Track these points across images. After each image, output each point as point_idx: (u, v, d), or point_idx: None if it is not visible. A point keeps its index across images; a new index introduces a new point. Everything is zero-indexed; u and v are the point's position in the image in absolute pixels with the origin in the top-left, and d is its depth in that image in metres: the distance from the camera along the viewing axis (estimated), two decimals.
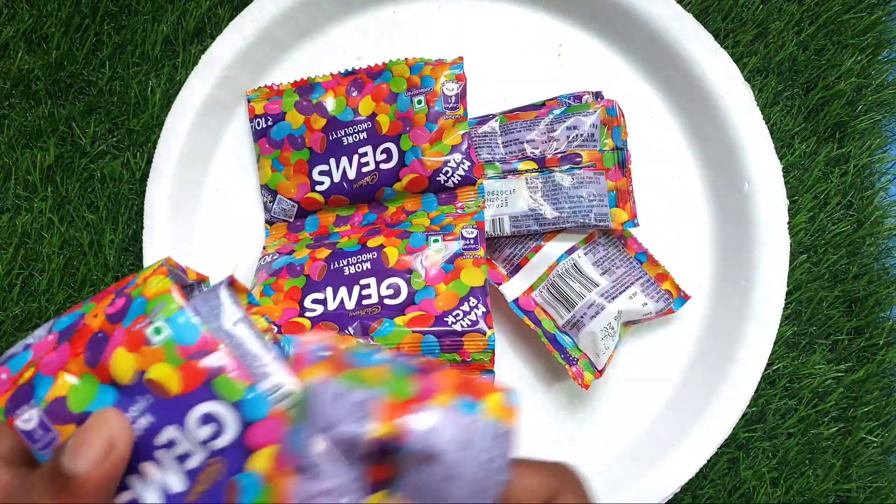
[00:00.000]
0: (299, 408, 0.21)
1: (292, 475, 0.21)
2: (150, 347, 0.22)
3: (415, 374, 0.22)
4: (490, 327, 0.40)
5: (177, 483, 0.22)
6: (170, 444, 0.22)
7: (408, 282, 0.41)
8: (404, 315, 0.40)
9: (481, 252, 0.42)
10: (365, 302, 0.41)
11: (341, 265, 0.42)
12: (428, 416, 0.21)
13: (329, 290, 0.42)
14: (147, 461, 0.22)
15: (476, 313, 0.40)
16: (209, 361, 0.22)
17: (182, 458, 0.22)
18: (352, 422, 0.20)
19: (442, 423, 0.21)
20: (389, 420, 0.20)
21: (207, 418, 0.22)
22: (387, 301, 0.41)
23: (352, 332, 0.40)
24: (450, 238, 0.42)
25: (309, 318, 0.41)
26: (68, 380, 0.23)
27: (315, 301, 0.42)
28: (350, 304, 0.41)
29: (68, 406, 0.22)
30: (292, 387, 0.22)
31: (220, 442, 0.22)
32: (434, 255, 0.42)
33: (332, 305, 0.41)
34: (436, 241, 0.42)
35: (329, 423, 0.21)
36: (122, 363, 0.22)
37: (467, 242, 0.42)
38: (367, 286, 0.41)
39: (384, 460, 0.21)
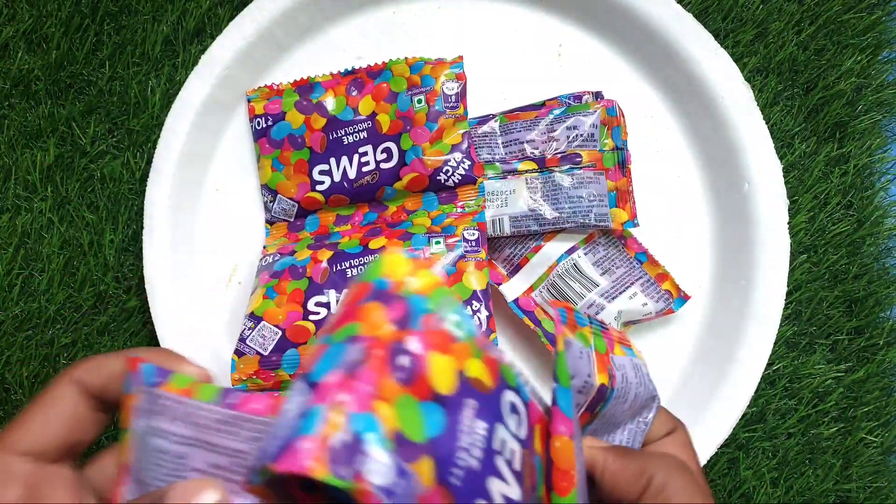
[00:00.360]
0: (561, 368, 0.23)
1: (565, 439, 0.21)
2: (458, 344, 0.20)
3: (602, 331, 0.27)
4: (492, 330, 0.40)
5: (515, 491, 0.20)
6: (502, 448, 0.20)
7: None
8: None
9: (483, 255, 0.42)
10: None
11: (343, 267, 0.42)
12: (621, 363, 0.26)
13: (332, 292, 0.42)
14: (492, 476, 0.19)
15: (478, 317, 0.40)
16: (492, 351, 0.21)
17: (511, 460, 0.20)
18: (586, 375, 0.24)
19: (628, 368, 0.26)
20: (603, 370, 0.25)
21: (512, 408, 0.21)
22: None
23: None
24: (451, 240, 0.42)
25: (313, 321, 0.41)
26: (390, 409, 0.18)
27: (318, 304, 0.42)
28: None
29: (410, 438, 0.18)
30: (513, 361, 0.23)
31: (523, 430, 0.21)
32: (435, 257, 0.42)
33: (335, 309, 0.41)
34: (437, 243, 0.42)
35: (575, 376, 0.24)
36: (443, 369, 0.19)
37: (469, 245, 0.42)
38: None
39: (586, 409, 0.25)
